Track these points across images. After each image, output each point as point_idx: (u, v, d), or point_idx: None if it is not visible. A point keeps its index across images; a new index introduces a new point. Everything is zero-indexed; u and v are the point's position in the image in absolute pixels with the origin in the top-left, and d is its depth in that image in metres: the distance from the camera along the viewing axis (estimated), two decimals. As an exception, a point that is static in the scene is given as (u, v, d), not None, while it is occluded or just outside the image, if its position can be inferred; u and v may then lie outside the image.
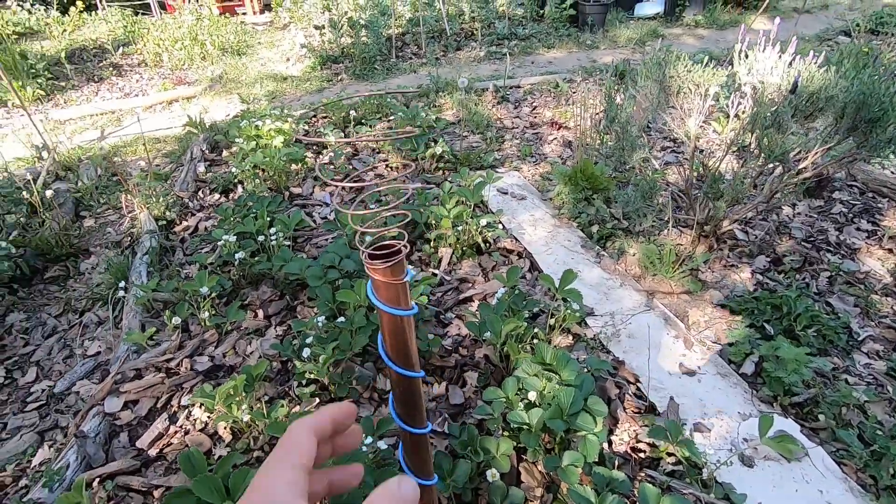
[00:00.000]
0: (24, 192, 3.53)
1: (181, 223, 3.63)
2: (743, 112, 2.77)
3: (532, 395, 1.93)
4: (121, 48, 7.66)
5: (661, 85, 3.14)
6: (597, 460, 1.90)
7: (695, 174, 3.18)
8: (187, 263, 3.25)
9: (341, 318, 2.36)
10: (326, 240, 3.33)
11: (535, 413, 1.86)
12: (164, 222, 3.56)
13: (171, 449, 2.15)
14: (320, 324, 2.32)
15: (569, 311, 2.36)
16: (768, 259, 3.15)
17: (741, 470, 1.98)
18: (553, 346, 2.10)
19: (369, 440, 1.84)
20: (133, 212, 3.65)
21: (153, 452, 2.14)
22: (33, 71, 6.42)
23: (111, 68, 7.10)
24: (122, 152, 4.86)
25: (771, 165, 3.07)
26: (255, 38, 8.60)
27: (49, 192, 3.31)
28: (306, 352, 2.18)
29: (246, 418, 2.01)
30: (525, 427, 1.87)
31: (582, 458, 1.78)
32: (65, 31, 8.39)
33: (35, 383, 2.56)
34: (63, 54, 7.08)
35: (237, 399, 2.02)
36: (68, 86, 6.55)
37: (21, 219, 3.49)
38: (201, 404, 2.23)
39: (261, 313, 2.82)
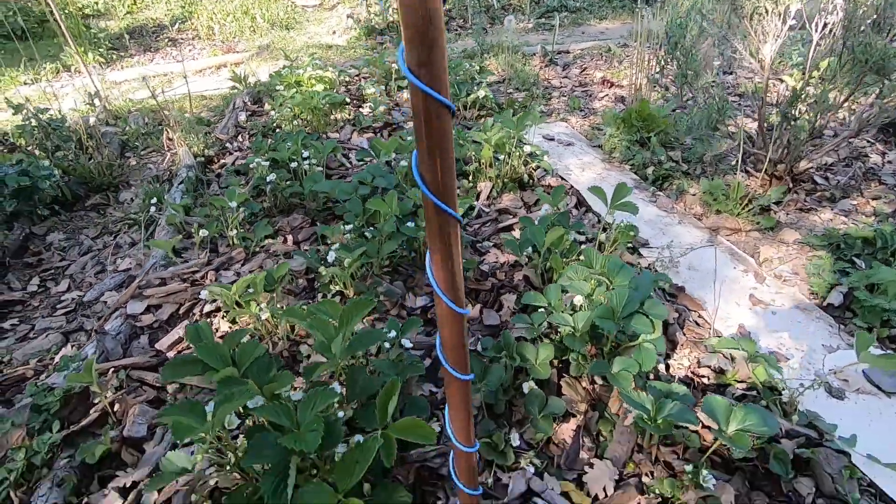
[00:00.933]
0: (73, 127, 3.60)
1: (218, 161, 3.60)
2: (831, 28, 2.43)
3: (578, 300, 1.70)
4: (177, 24, 7.92)
5: (731, 5, 2.83)
6: (652, 376, 1.65)
7: (767, 111, 2.83)
8: (221, 194, 3.20)
9: (371, 229, 2.20)
10: (361, 176, 3.20)
11: (581, 315, 1.63)
12: (203, 159, 3.54)
13: (190, 353, 2.05)
14: (347, 233, 2.17)
15: (621, 230, 2.10)
16: (854, 203, 2.76)
17: (829, 402, 1.67)
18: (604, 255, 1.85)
19: (392, 334, 1.66)
20: (173, 149, 3.65)
21: (171, 354, 2.05)
22: (95, 40, 6.72)
23: (167, 41, 7.34)
24: (170, 107, 4.93)
25: (861, 100, 2.70)
26: (304, 16, 8.71)
27: (92, 119, 3.35)
28: (331, 256, 2.03)
29: (265, 316, 1.88)
30: (569, 332, 1.63)
31: (636, 366, 1.53)
32: (129, 13, 8.79)
33: (66, 293, 2.54)
34: (124, 29, 7.39)
35: (257, 296, 1.89)
36: (126, 55, 6.80)
37: (69, 155, 3.56)
38: (224, 312, 2.13)
39: (290, 239, 2.70)
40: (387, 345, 1.65)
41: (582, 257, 2.03)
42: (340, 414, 1.29)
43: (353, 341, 1.41)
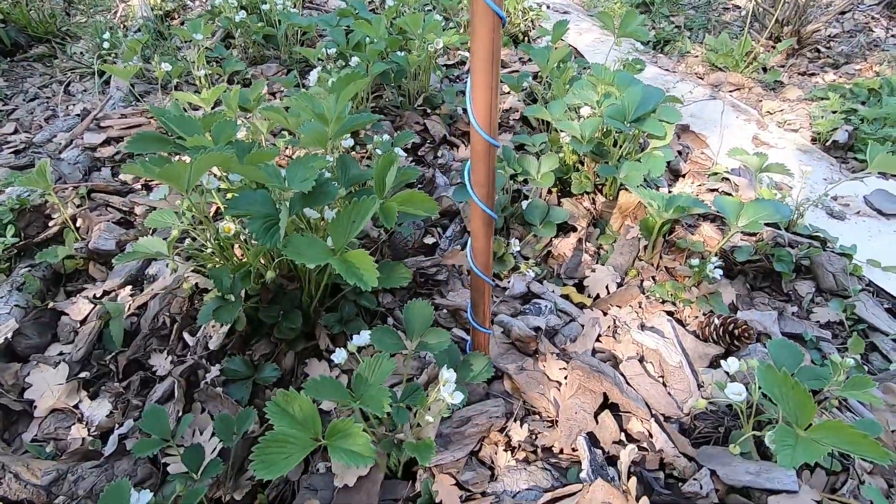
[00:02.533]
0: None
1: (179, 17, 3.23)
2: None
3: (586, 111, 1.58)
4: None
5: None
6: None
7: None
8: (185, 49, 2.88)
9: (355, 59, 1.99)
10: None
11: (588, 122, 1.52)
12: (161, 13, 3.17)
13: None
14: (329, 58, 1.97)
15: (628, 63, 1.97)
16: (857, 68, 2.68)
17: (830, 222, 1.65)
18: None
19: (386, 137, 1.52)
20: (127, 0, 3.25)
21: (137, 186, 1.88)
22: None
23: None
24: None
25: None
26: None
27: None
28: (313, 76, 1.84)
29: (241, 134, 1.70)
30: (575, 138, 1.53)
31: (645, 169, 1.45)
32: None
33: (13, 135, 2.28)
34: None
35: (231, 114, 1.71)
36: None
37: (3, 2, 3.12)
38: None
39: (265, 89, 2.47)
40: (378, 150, 1.52)
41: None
42: (334, 185, 1.17)
43: (345, 122, 1.27)
